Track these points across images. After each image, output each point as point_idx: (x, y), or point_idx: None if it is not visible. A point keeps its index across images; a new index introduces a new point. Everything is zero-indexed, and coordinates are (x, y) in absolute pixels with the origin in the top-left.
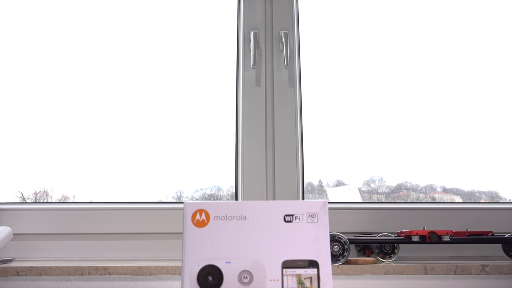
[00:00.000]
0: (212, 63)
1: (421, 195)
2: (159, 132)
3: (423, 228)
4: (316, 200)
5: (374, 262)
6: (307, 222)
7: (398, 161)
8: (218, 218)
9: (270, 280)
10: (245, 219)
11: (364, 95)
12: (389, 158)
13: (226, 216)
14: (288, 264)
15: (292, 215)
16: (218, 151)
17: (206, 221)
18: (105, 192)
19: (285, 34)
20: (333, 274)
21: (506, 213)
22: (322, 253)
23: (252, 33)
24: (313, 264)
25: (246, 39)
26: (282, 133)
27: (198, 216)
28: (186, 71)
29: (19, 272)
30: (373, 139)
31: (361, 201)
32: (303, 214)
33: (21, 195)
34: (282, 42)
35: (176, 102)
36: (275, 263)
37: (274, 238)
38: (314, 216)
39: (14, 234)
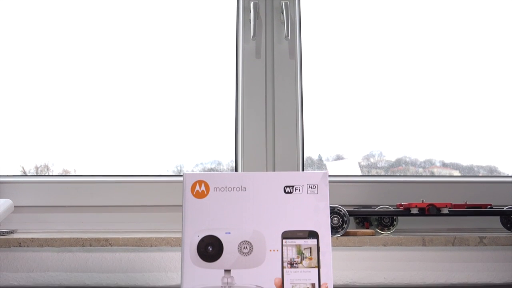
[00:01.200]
0: (212, 34)
1: (420, 169)
2: (159, 106)
3: (422, 200)
4: (317, 171)
5: (372, 234)
6: (307, 193)
7: (398, 135)
8: (217, 189)
9: (270, 250)
10: (245, 190)
11: (364, 69)
12: (389, 133)
13: (226, 187)
14: (288, 235)
15: (292, 186)
16: (218, 124)
17: (205, 192)
18: (105, 168)
19: (286, 5)
20: (332, 245)
21: (504, 186)
22: (322, 224)
23: (252, 3)
24: (313, 234)
25: (246, 10)
26: (282, 106)
27: (197, 187)
28: (185, 45)
29: (21, 243)
30: (373, 114)
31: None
32: (303, 185)
33: (22, 170)
34: (282, 13)
35: (176, 75)
36: (275, 234)
37: (274, 209)
38: (314, 187)
39: (15, 206)
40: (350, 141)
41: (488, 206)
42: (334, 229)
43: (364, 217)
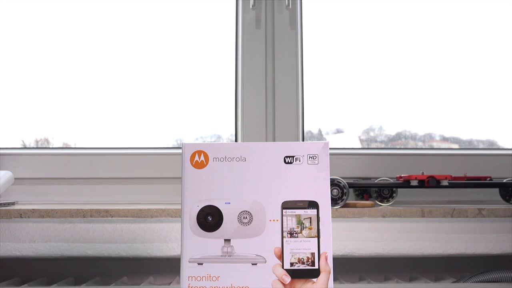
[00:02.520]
0: (211, 3)
1: (420, 143)
2: (158, 80)
3: (422, 173)
4: (317, 141)
5: (372, 206)
6: (308, 163)
7: (398, 110)
8: (217, 159)
9: (270, 220)
10: (245, 160)
11: (365, 42)
12: (389, 107)
13: (225, 158)
14: (287, 205)
15: (293, 157)
16: (218, 97)
17: (205, 162)
18: (105, 142)
19: None
20: (332, 217)
21: (504, 159)
22: (322, 194)
23: None
24: (313, 205)
25: None
26: (283, 78)
27: (197, 158)
28: (183, 15)
29: (22, 214)
30: (373, 88)
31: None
32: (303, 156)
33: (22, 143)
34: None
35: (175, 47)
36: (275, 204)
37: (274, 179)
38: (314, 157)
39: (15, 178)
40: (350, 115)
41: (488, 179)
42: (334, 201)
43: (363, 189)
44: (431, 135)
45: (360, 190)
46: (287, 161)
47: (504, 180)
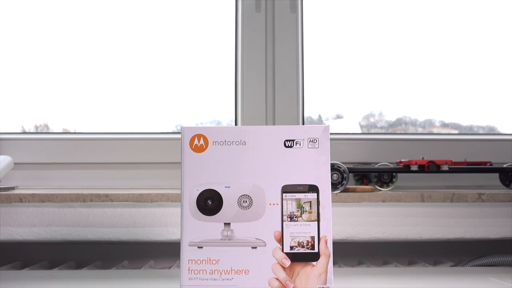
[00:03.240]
0: None
1: (420, 129)
2: (158, 66)
3: (422, 157)
4: (318, 125)
5: (372, 191)
6: (308, 147)
7: (398, 95)
8: (216, 143)
9: (270, 204)
10: (245, 144)
11: (366, 28)
12: (389, 93)
13: (225, 141)
14: (288, 189)
15: (293, 140)
16: (218, 83)
17: (204, 146)
18: (105, 128)
19: None
20: (332, 201)
21: (504, 144)
22: (322, 178)
23: None
24: (313, 188)
25: None
26: (283, 62)
27: (196, 141)
28: (183, 0)
29: (22, 199)
30: (374, 74)
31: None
32: (303, 139)
33: (22, 129)
34: None
35: (174, 32)
36: (275, 188)
37: (274, 163)
38: (315, 141)
39: (15, 163)
40: (350, 101)
41: (488, 164)
42: (334, 186)
43: (363, 174)
44: (431, 121)
45: (360, 175)
46: (287, 145)
47: (504, 165)
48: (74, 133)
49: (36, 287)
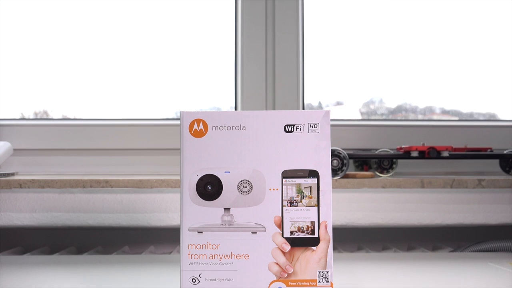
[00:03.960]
0: None
1: (420, 116)
2: (157, 52)
3: (422, 144)
4: (318, 109)
5: (372, 177)
6: (308, 132)
7: (398, 82)
8: (216, 128)
9: (270, 189)
10: (244, 129)
11: (367, 14)
12: (389, 80)
13: (225, 126)
14: (288, 174)
15: (293, 125)
16: (218, 70)
17: (204, 131)
18: (105, 115)
19: None
20: (332, 187)
21: (504, 130)
22: (323, 163)
23: None
24: (313, 174)
25: None
26: (283, 48)
27: (195, 126)
28: None
29: (21, 185)
30: (374, 61)
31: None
32: (304, 124)
33: (21, 115)
34: None
35: (173, 18)
36: (275, 173)
37: (274, 148)
38: (315, 126)
39: (14, 149)
40: (351, 88)
41: (488, 150)
42: (334, 172)
43: (363, 160)
44: (431, 108)
45: (360, 162)
46: (287, 130)
47: (505, 151)
48: (74, 119)
49: (38, 272)
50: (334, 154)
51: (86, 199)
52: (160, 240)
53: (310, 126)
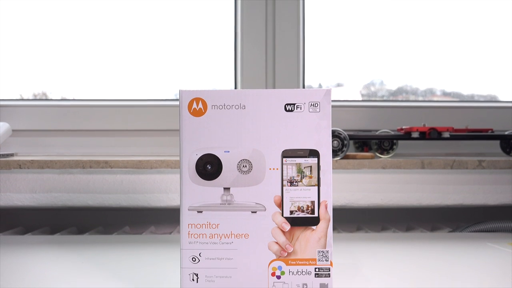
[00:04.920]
0: None
1: (421, 98)
2: (157, 33)
3: (423, 124)
4: (319, 88)
5: (372, 157)
6: (309, 111)
7: (399, 64)
8: (215, 107)
9: (270, 169)
10: (244, 108)
11: None
12: (390, 62)
13: (224, 105)
14: (288, 153)
15: (294, 104)
16: (217, 51)
17: (203, 110)
18: (104, 96)
19: None
20: (332, 168)
21: (505, 111)
22: (323, 143)
23: None
24: (313, 153)
25: None
26: (284, 31)
27: (194, 105)
28: None
29: (21, 165)
30: (375, 42)
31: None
32: (304, 103)
33: (20, 97)
34: None
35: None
36: (275, 152)
37: (274, 127)
38: (316, 105)
39: (14, 130)
40: (351, 70)
41: (489, 131)
42: (334, 152)
43: (363, 141)
44: (432, 90)
45: (360, 143)
46: (287, 109)
47: (506, 133)
48: (73, 100)
49: (39, 251)
50: (335, 134)
51: (86, 180)
52: (160, 220)
53: (311, 105)
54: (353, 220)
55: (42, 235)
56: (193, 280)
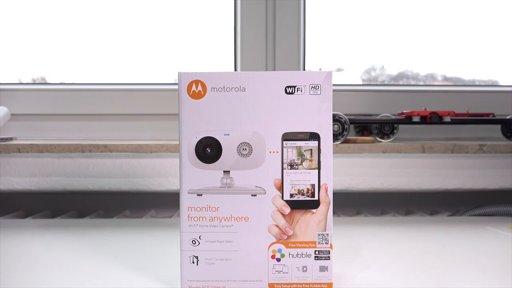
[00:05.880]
0: None
1: (422, 83)
2: (156, 17)
3: (424, 109)
4: (320, 70)
5: (372, 142)
6: (310, 94)
7: (400, 49)
8: (215, 89)
9: (270, 152)
10: (244, 90)
11: None
12: (391, 47)
13: (224, 87)
14: (288, 136)
15: (294, 87)
16: (217, 34)
17: (202, 93)
18: (103, 80)
19: None
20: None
21: (506, 96)
22: (324, 126)
23: None
24: (314, 136)
25: None
26: (284, 15)
27: (194, 87)
28: None
29: (20, 149)
30: (376, 27)
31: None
32: (305, 86)
33: (19, 81)
34: None
35: None
36: (275, 135)
37: (275, 110)
38: (317, 87)
39: (12, 114)
40: (352, 55)
41: (491, 115)
42: (334, 137)
43: (364, 125)
44: (433, 75)
45: (360, 127)
46: (288, 92)
47: (507, 117)
48: (72, 84)
49: (40, 235)
50: (335, 119)
51: (86, 164)
52: (160, 204)
53: (312, 87)
54: (353, 204)
55: (43, 219)
56: (193, 262)
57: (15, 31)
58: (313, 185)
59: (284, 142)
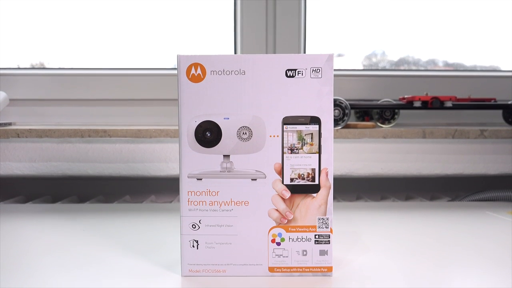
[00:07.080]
0: None
1: (423, 69)
2: (154, 0)
3: (425, 94)
4: (321, 53)
5: (373, 127)
6: (311, 77)
7: (401, 35)
8: (214, 72)
9: (270, 136)
10: (244, 73)
11: None
12: (392, 32)
13: (224, 71)
14: (288, 120)
15: (295, 70)
16: (216, 16)
17: (202, 76)
18: (103, 65)
19: None
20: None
21: (508, 81)
22: (325, 110)
23: None
24: (314, 120)
25: None
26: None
27: (193, 71)
28: None
29: (19, 134)
30: (377, 12)
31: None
32: (306, 69)
33: (17, 66)
34: None
35: None
36: (275, 119)
37: (275, 94)
38: (318, 71)
39: (11, 99)
40: (352, 40)
41: (492, 100)
42: (335, 122)
43: (365, 110)
44: (434, 61)
45: (361, 112)
46: (288, 75)
47: (509, 102)
48: (71, 68)
49: (41, 219)
50: (336, 103)
51: (85, 149)
52: (160, 189)
53: (313, 70)
54: (353, 189)
55: (44, 204)
56: (193, 246)
57: (14, 16)
58: (313, 169)
59: (285, 126)
